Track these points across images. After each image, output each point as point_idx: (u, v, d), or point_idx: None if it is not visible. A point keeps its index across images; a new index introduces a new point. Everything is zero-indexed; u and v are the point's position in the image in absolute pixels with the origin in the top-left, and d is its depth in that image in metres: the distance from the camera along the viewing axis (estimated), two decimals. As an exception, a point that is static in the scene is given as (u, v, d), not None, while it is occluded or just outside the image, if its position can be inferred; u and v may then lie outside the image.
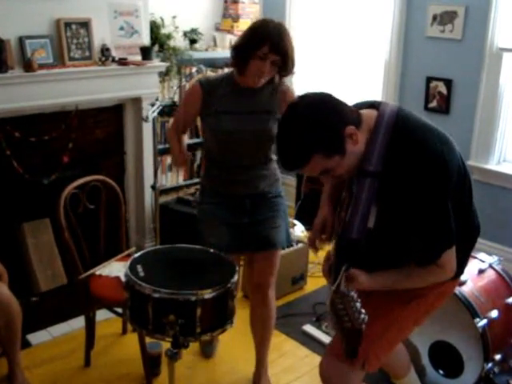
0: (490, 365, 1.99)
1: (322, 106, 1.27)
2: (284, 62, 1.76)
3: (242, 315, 1.88)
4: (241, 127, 1.82)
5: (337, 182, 1.50)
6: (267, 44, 1.71)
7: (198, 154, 3.53)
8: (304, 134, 1.24)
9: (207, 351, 2.32)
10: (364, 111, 1.34)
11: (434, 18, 3.03)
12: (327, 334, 2.46)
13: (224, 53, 3.53)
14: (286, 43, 1.75)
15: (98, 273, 2.13)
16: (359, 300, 1.19)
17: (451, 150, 1.32)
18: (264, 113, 1.84)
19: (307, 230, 3.34)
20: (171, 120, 2.16)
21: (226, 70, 1.93)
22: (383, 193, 1.30)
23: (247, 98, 1.83)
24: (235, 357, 2.31)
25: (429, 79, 3.12)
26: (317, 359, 2.28)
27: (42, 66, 2.53)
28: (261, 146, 1.87)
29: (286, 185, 3.99)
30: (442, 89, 3.07)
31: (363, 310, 1.16)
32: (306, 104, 1.27)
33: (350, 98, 1.40)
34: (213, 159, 1.93)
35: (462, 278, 2.02)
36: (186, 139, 2.01)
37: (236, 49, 1.79)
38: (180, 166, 1.95)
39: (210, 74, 3.01)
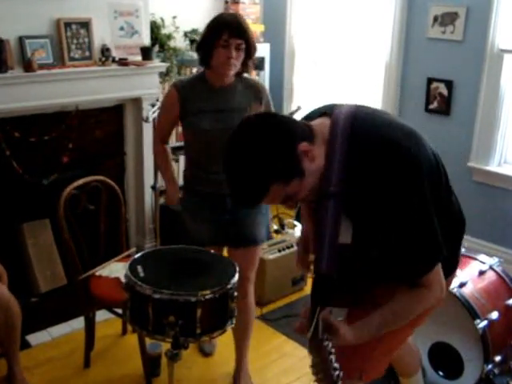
0: (490, 366, 1.99)
1: (266, 130, 1.13)
2: (247, 45, 1.83)
3: (242, 316, 1.87)
4: (218, 125, 1.86)
5: (306, 204, 1.37)
6: (226, 30, 1.78)
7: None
8: (255, 167, 1.11)
9: (206, 349, 2.32)
10: (315, 122, 1.21)
11: (435, 19, 3.03)
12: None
13: (224, 53, 3.52)
14: (245, 26, 1.82)
15: (97, 273, 2.13)
16: (334, 352, 1.07)
17: (419, 144, 1.19)
18: (239, 110, 1.88)
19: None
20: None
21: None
22: (354, 210, 1.17)
23: (221, 97, 1.89)
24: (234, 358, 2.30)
25: (429, 80, 3.11)
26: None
27: (41, 66, 2.53)
28: None
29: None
30: (443, 90, 3.07)
31: (337, 365, 1.03)
32: (248, 133, 1.14)
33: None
34: (193, 159, 1.99)
35: (463, 279, 2.02)
36: (170, 155, 2.11)
37: (200, 44, 1.88)
38: (173, 203, 2.02)
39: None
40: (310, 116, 1.28)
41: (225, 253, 2.21)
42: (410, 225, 1.16)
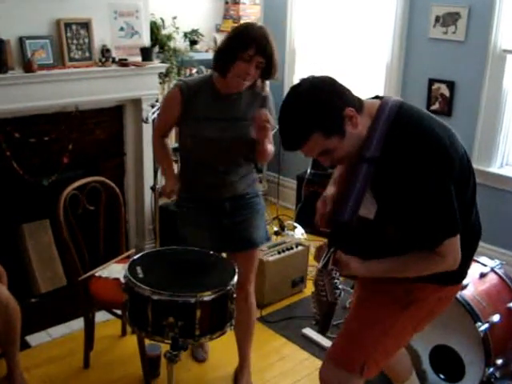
0: (491, 369, 1.98)
1: (324, 86, 1.28)
2: (268, 65, 1.77)
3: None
4: (221, 134, 1.82)
5: (346, 165, 1.48)
6: (254, 46, 1.72)
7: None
8: (304, 112, 1.26)
9: (198, 356, 2.30)
10: (367, 99, 1.37)
11: (437, 19, 3.02)
12: (327, 337, 2.45)
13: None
14: (272, 46, 1.76)
15: (97, 274, 2.12)
16: (340, 278, 1.26)
17: (454, 141, 1.32)
18: (244, 119, 1.85)
19: (307, 232, 3.33)
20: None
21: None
22: (382, 179, 1.30)
23: (227, 105, 1.84)
24: (234, 360, 2.29)
25: (431, 81, 3.10)
26: (316, 362, 2.27)
27: (41, 67, 2.53)
28: (239, 150, 1.88)
29: (286, 187, 3.99)
30: (445, 91, 3.06)
31: (341, 287, 1.23)
32: (308, 84, 1.29)
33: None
34: (189, 164, 1.93)
35: (464, 281, 2.00)
36: (170, 150, 2.04)
37: (221, 50, 1.79)
38: (169, 197, 1.92)
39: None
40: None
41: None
42: (429, 197, 1.26)
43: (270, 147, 1.89)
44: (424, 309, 1.46)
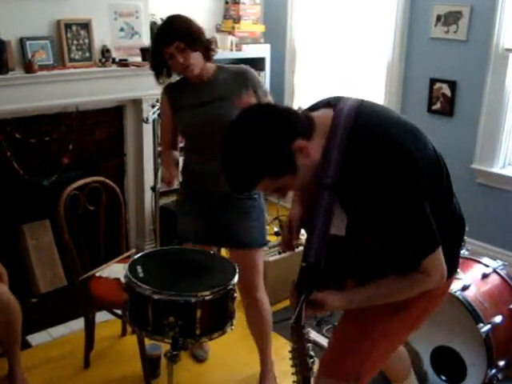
0: (493, 371, 1.96)
1: (266, 122, 1.14)
2: (191, 41, 1.82)
3: (240, 318, 1.86)
4: (196, 119, 1.90)
5: (306, 191, 1.38)
6: (160, 46, 1.83)
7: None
8: (247, 159, 1.14)
9: (198, 355, 2.30)
10: (318, 114, 1.23)
11: (438, 18, 3.01)
12: (328, 338, 2.44)
13: (225, 54, 3.51)
14: (174, 27, 1.86)
15: (97, 274, 2.12)
16: (311, 341, 1.16)
17: (419, 142, 1.21)
18: (218, 100, 1.89)
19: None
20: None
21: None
22: (349, 201, 1.19)
23: (204, 90, 1.92)
24: (234, 360, 2.29)
25: (432, 81, 3.09)
26: (317, 363, 2.25)
27: (42, 68, 2.53)
28: (218, 132, 1.90)
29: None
30: (446, 91, 3.05)
31: (313, 354, 1.12)
32: (248, 123, 1.17)
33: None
34: (187, 155, 2.05)
35: (466, 282, 2.00)
36: (178, 155, 2.10)
37: (156, 69, 1.92)
38: (167, 184, 2.00)
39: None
40: (316, 106, 1.30)
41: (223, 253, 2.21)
42: (400, 216, 1.17)
43: None
44: (416, 309, 1.40)
